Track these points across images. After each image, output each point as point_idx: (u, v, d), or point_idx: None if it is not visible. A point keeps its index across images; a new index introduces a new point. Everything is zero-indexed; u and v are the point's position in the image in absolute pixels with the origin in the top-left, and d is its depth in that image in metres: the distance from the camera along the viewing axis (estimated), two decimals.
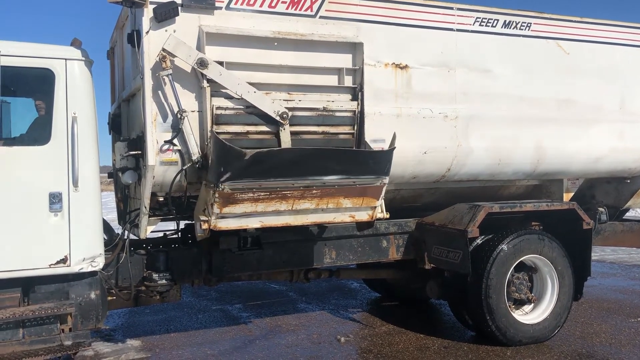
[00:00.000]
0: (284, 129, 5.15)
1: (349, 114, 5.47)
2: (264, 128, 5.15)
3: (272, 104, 5.10)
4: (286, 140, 5.17)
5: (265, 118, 5.12)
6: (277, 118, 5.10)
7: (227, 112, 5.02)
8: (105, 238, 5.18)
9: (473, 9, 6.18)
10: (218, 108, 4.97)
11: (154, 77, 4.79)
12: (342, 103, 5.44)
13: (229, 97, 5.02)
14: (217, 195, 4.63)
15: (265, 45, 5.18)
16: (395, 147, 5.21)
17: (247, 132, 5.11)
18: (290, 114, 5.15)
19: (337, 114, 5.42)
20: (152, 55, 4.77)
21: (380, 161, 5.15)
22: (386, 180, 5.18)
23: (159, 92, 4.84)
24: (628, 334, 6.48)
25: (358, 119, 5.49)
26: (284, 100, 5.20)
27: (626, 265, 10.89)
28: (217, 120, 4.97)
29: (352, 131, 5.50)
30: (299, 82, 5.31)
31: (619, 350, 5.93)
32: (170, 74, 4.79)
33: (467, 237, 5.76)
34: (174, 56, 4.79)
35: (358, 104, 5.47)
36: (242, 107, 5.07)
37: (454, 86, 6.07)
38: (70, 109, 4.71)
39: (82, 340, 4.74)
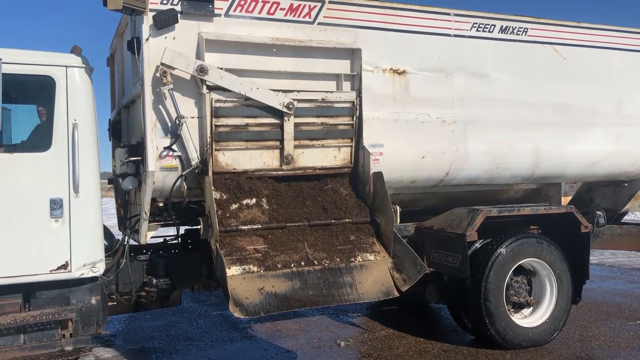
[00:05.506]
0: (289, 120, 5.20)
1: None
2: (266, 120, 5.20)
3: (276, 97, 5.13)
4: (289, 131, 5.22)
5: (267, 116, 5.17)
6: (284, 109, 5.14)
7: (226, 128, 5.06)
8: (106, 244, 5.21)
9: (470, 14, 6.22)
10: (216, 111, 5.01)
11: (154, 83, 4.84)
12: None
13: (228, 103, 5.06)
14: None
15: (264, 52, 5.23)
16: None
17: (248, 129, 5.15)
18: (295, 104, 5.19)
19: None
20: (152, 62, 4.82)
21: None
22: None
23: (159, 98, 4.88)
24: (627, 337, 6.50)
25: (356, 124, 5.54)
26: None
27: (625, 269, 10.90)
28: (217, 134, 5.01)
29: (350, 136, 5.55)
30: (297, 87, 5.35)
31: (618, 353, 5.95)
32: (171, 87, 4.83)
33: (465, 240, 5.77)
34: (173, 68, 4.83)
35: (356, 109, 5.52)
36: (243, 112, 5.10)
37: (452, 91, 6.11)
38: (71, 115, 4.75)
39: (82, 346, 4.77)
